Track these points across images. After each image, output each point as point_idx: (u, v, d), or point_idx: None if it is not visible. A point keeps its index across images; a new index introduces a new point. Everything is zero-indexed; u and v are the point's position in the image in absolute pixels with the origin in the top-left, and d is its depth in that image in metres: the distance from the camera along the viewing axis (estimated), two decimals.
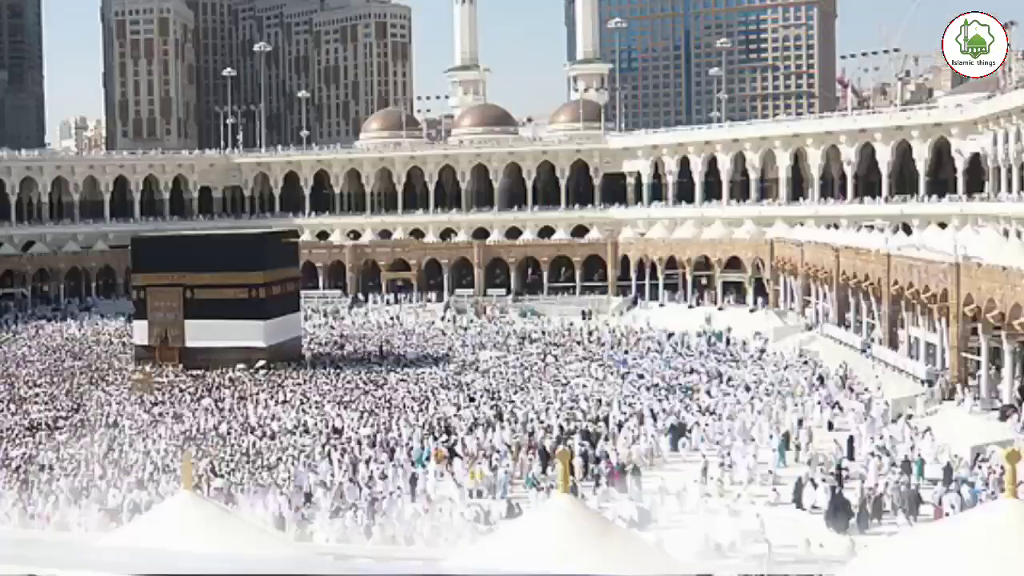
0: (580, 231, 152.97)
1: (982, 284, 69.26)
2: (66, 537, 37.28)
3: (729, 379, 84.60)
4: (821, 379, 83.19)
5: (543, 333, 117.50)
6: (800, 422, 66.59)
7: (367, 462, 60.16)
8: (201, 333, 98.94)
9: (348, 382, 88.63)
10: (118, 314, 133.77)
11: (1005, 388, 67.43)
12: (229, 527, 14.23)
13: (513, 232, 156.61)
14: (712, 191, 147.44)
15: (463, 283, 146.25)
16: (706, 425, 67.40)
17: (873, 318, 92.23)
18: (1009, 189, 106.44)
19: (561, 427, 67.01)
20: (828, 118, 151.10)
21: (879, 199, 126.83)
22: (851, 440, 61.35)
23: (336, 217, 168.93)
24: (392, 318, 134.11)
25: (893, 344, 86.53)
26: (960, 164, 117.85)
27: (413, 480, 55.80)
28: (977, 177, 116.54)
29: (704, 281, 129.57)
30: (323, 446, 64.40)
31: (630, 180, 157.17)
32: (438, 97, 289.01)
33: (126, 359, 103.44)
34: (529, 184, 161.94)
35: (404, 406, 76.73)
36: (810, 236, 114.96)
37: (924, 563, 12.73)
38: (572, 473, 50.87)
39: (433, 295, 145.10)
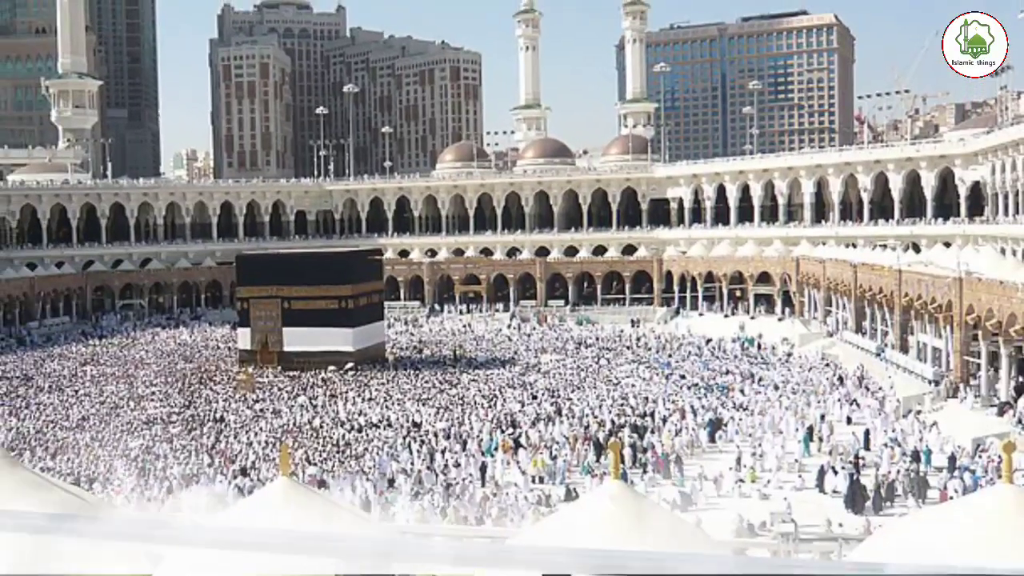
0: (629, 249, 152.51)
1: (982, 296, 68.95)
2: (179, 518, 37.55)
3: (760, 379, 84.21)
4: (841, 379, 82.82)
5: (597, 339, 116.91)
6: (822, 417, 66.29)
7: (442, 452, 60.40)
8: (297, 339, 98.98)
9: (426, 382, 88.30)
10: (224, 322, 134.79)
11: (1002, 387, 67.18)
12: (321, 509, 14.36)
13: (571, 250, 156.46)
14: (745, 214, 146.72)
15: (527, 295, 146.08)
16: (740, 420, 67.22)
17: (886, 326, 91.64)
18: (1006, 213, 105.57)
19: (612, 421, 66.94)
20: (847, 151, 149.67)
21: (891, 222, 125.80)
22: (867, 433, 61.12)
23: (415, 237, 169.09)
24: (464, 326, 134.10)
25: (904, 348, 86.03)
26: (963, 191, 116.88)
27: (483, 468, 55.91)
28: (977, 202, 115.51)
29: (738, 293, 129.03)
30: (404, 438, 64.40)
31: (673, 205, 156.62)
32: (505, 132, 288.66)
33: (231, 362, 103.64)
34: (585, 208, 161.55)
35: (475, 403, 76.69)
36: (831, 254, 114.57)
37: (931, 540, 12.79)
38: (622, 462, 50.87)
39: (500, 306, 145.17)
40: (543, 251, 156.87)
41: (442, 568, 5.27)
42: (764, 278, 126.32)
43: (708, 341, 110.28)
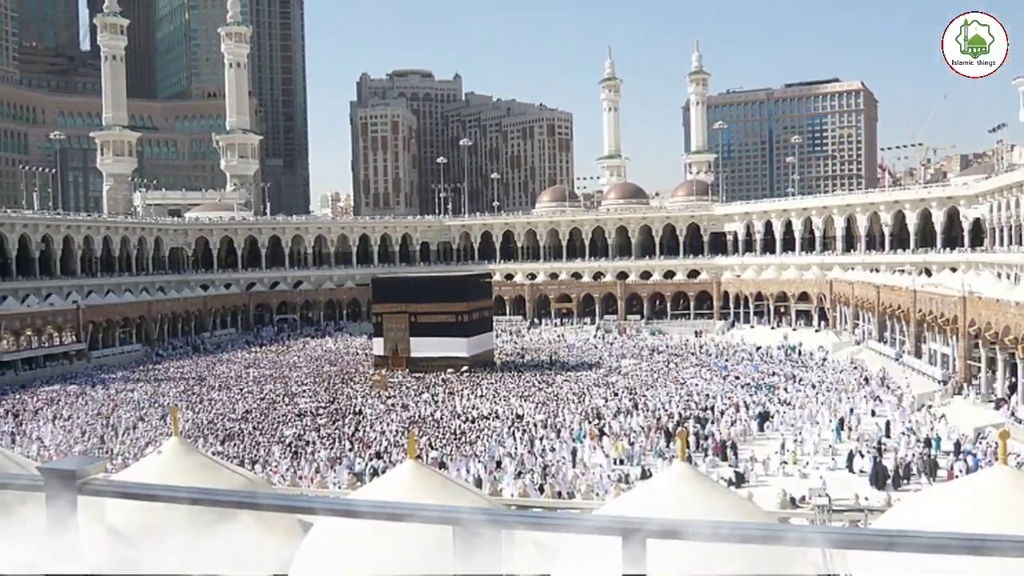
0: (693, 274, 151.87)
1: (982, 311, 68.37)
2: (325, 492, 37.93)
3: (800, 379, 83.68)
4: (866, 379, 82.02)
5: (667, 347, 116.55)
6: (851, 410, 65.94)
7: (540, 439, 60.51)
8: (422, 347, 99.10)
9: (527, 381, 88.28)
10: (362, 333, 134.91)
11: (998, 386, 66.61)
12: (441, 486, 14.62)
13: (645, 274, 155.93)
14: (788, 245, 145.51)
15: (609, 311, 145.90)
16: (784, 412, 66.93)
17: (903, 335, 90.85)
18: (1002, 243, 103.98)
19: (680, 414, 66.85)
20: (871, 192, 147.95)
21: (908, 251, 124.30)
22: (888, 423, 60.78)
23: (518, 264, 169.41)
24: (558, 336, 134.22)
25: (918, 354, 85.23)
26: (966, 226, 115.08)
27: (574, 452, 56.08)
28: (979, 235, 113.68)
29: (782, 309, 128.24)
30: (509, 427, 64.59)
31: (729, 237, 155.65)
32: (591, 177, 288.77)
33: (368, 365, 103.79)
34: (657, 240, 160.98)
35: (567, 399, 76.70)
36: (858, 277, 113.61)
37: (940, 511, 12.91)
38: (688, 447, 50.82)
39: (588, 319, 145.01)
40: (623, 275, 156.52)
41: None
42: (803, 297, 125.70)
43: (758, 348, 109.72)
